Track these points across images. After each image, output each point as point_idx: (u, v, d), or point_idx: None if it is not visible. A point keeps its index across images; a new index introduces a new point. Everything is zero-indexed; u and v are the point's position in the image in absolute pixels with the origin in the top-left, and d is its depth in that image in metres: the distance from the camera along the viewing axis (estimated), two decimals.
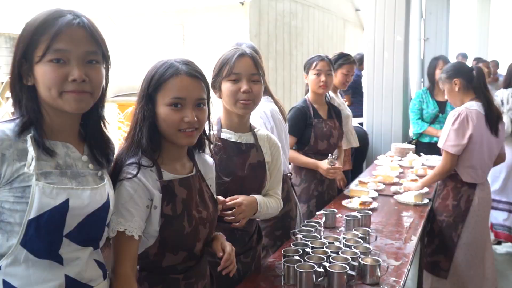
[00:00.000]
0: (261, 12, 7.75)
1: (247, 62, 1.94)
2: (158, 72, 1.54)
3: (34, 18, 1.25)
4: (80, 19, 1.26)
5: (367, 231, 2.44)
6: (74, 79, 1.22)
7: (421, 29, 8.64)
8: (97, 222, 1.36)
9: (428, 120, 4.81)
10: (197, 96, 1.56)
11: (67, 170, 1.29)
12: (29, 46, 1.22)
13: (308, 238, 2.30)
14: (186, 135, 1.55)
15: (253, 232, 2.17)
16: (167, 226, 1.55)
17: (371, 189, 3.49)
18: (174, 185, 1.58)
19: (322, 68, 3.22)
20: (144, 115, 1.54)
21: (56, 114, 1.28)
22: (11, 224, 1.23)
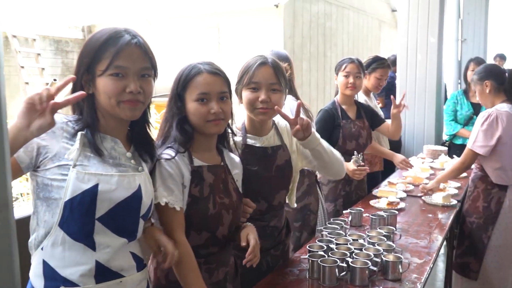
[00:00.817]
0: (295, 14, 7.83)
1: (267, 71, 1.99)
2: (184, 74, 1.76)
3: (97, 37, 1.44)
4: (136, 39, 1.45)
5: (391, 229, 2.50)
6: (131, 91, 1.42)
7: (459, 30, 8.54)
8: (130, 212, 1.48)
9: (462, 122, 4.79)
10: (219, 90, 1.75)
11: (110, 159, 1.46)
12: (93, 61, 1.41)
13: (333, 235, 2.38)
14: (214, 124, 1.74)
15: (282, 227, 2.26)
16: (193, 205, 1.73)
17: (400, 189, 3.53)
18: (203, 171, 1.77)
19: (351, 70, 3.29)
20: (175, 112, 1.75)
21: (111, 118, 1.48)
22: (56, 201, 1.39)
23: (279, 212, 2.21)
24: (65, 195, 1.37)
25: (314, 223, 2.97)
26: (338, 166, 2.21)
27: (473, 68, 4.84)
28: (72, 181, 1.37)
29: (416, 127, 5.37)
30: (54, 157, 1.38)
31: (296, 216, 2.85)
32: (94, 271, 1.42)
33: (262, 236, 2.05)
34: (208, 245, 1.81)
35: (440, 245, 2.54)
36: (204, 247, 1.81)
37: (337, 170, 2.22)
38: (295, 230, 2.82)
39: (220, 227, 1.81)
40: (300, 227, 2.83)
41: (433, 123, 5.26)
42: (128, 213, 1.47)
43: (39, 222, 1.43)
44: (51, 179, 1.38)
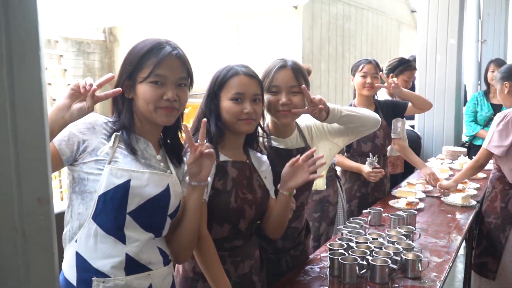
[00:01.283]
0: (314, 15, 7.87)
1: (286, 74, 2.03)
2: (221, 74, 1.85)
3: (140, 46, 1.54)
4: (177, 51, 1.55)
5: (411, 229, 2.54)
6: (168, 98, 1.51)
7: (479, 31, 8.48)
8: (159, 209, 1.56)
9: (482, 123, 4.80)
10: (254, 92, 1.84)
11: (141, 159, 1.56)
12: (135, 68, 1.51)
13: (353, 234, 2.43)
14: (246, 123, 1.83)
15: (302, 228, 2.31)
16: (216, 197, 1.81)
17: (419, 190, 3.56)
18: (227, 165, 1.85)
19: (368, 70, 3.31)
20: (210, 109, 1.84)
21: (146, 123, 1.58)
22: (91, 195, 1.47)
23: (301, 214, 2.27)
24: (99, 189, 1.46)
25: (333, 214, 3.03)
26: (372, 117, 2.24)
27: (493, 69, 4.84)
28: (106, 176, 1.46)
29: (435, 129, 5.37)
30: (92, 151, 1.48)
31: (315, 207, 2.94)
32: (124, 263, 1.50)
33: (282, 237, 2.12)
34: (232, 238, 1.88)
35: (459, 245, 2.57)
36: (228, 240, 1.88)
37: (373, 121, 2.25)
38: (314, 220, 2.90)
39: (241, 220, 1.87)
40: (319, 218, 2.91)
41: (452, 124, 5.27)
42: (156, 210, 1.55)
43: (73, 215, 1.52)
44: (88, 173, 1.48)
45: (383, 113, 3.43)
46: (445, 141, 5.26)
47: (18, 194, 0.87)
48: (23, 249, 0.89)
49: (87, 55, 9.80)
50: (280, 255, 2.19)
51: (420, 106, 3.45)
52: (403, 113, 3.51)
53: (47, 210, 0.93)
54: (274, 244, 2.17)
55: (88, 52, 9.80)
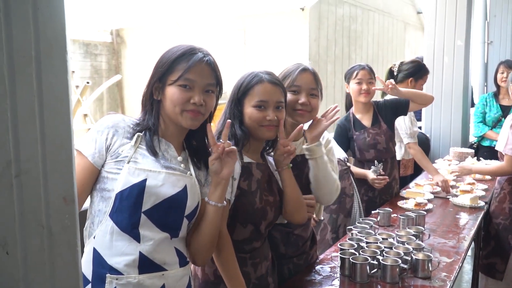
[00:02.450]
0: (320, 17, 7.89)
1: (308, 77, 2.09)
2: (246, 81, 1.89)
3: (173, 50, 1.58)
4: (208, 57, 1.58)
5: (420, 229, 2.55)
6: (194, 102, 1.54)
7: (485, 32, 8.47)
8: (175, 209, 1.57)
9: (490, 124, 4.81)
10: (277, 99, 1.88)
11: (161, 160, 1.59)
12: (167, 71, 1.56)
13: (363, 234, 2.45)
14: (268, 129, 1.87)
15: (307, 238, 2.31)
16: (242, 197, 1.84)
17: (427, 191, 3.57)
18: (252, 167, 1.90)
19: (363, 76, 3.26)
20: (235, 114, 1.88)
21: (171, 125, 1.62)
22: (109, 193, 1.51)
23: (306, 223, 2.25)
24: (117, 187, 1.50)
25: (350, 205, 3.04)
26: (329, 188, 2.16)
27: (503, 71, 4.84)
28: (124, 175, 1.50)
29: (443, 130, 5.37)
30: (114, 152, 1.53)
31: (343, 210, 2.96)
32: (138, 261, 1.52)
33: (285, 243, 2.17)
34: (252, 239, 1.91)
35: (468, 246, 2.59)
36: (248, 242, 1.91)
37: (327, 192, 2.18)
38: (332, 212, 2.92)
39: (263, 221, 1.91)
40: (337, 210, 2.92)
41: (459, 126, 5.27)
42: (172, 210, 1.57)
43: (94, 211, 1.56)
44: (108, 172, 1.52)
45: (383, 116, 3.41)
46: (452, 142, 5.26)
47: (45, 193, 0.90)
48: (50, 246, 0.92)
49: (94, 56, 9.86)
50: (282, 261, 2.20)
51: (422, 101, 3.42)
52: (406, 111, 3.47)
53: (72, 209, 0.96)
54: (277, 250, 2.18)
55: (95, 54, 9.86)
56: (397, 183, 3.57)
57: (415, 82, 4.04)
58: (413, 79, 4.05)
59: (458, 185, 3.75)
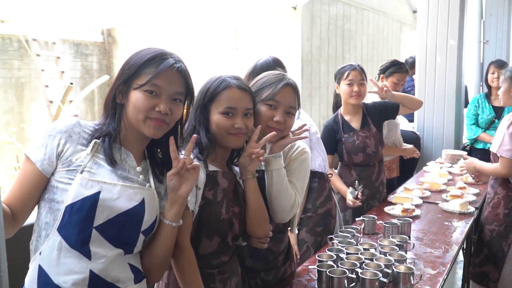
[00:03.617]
0: (313, 16, 7.77)
1: (289, 94, 1.94)
2: (212, 86, 1.78)
3: (143, 53, 1.49)
4: (179, 64, 1.49)
5: (404, 238, 2.43)
6: (159, 110, 1.44)
7: (481, 32, 8.36)
8: (130, 224, 1.45)
9: (483, 126, 4.68)
10: (246, 106, 1.78)
11: (118, 170, 1.47)
12: (134, 74, 1.46)
13: (344, 244, 2.33)
14: (236, 137, 1.76)
15: (280, 253, 2.16)
16: (207, 208, 1.73)
17: (416, 196, 3.45)
18: (217, 175, 1.78)
19: (354, 77, 3.14)
20: (201, 121, 1.77)
21: (132, 132, 1.51)
22: (58, 204, 1.39)
23: (277, 236, 2.12)
24: (67, 199, 1.38)
25: (333, 227, 2.92)
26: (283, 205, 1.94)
27: (493, 71, 4.71)
28: (75, 186, 1.38)
29: (435, 131, 5.26)
30: (66, 160, 1.41)
31: (319, 221, 2.80)
32: (88, 280, 1.40)
33: (253, 256, 2.04)
34: (219, 253, 1.80)
35: (455, 255, 2.46)
36: (216, 255, 1.79)
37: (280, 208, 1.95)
38: (317, 235, 2.77)
39: (229, 233, 1.80)
40: (322, 232, 2.78)
41: (452, 127, 5.15)
42: (127, 225, 1.45)
43: (40, 224, 1.43)
44: (58, 181, 1.40)
45: (372, 118, 3.31)
46: (445, 144, 5.15)
47: None
48: None
49: (85, 56, 9.72)
50: (248, 275, 2.07)
51: (412, 106, 3.35)
52: (395, 115, 3.38)
53: None
54: (242, 263, 2.04)
55: (86, 54, 9.72)
56: (384, 187, 3.45)
57: (386, 78, 3.97)
58: (383, 76, 3.99)
59: (449, 189, 3.63)
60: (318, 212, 2.78)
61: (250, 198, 1.84)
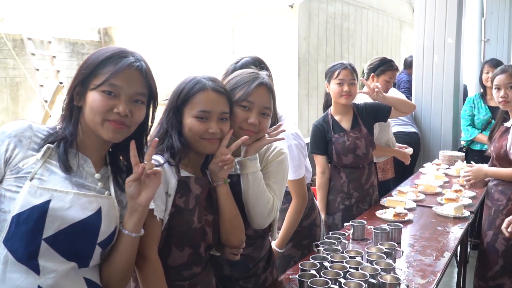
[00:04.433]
0: (310, 14, 7.66)
1: (264, 94, 1.83)
2: (186, 87, 1.68)
3: (102, 52, 1.40)
4: (139, 63, 1.40)
5: (393, 245, 2.32)
6: (118, 112, 1.35)
7: (482, 30, 8.25)
8: (84, 236, 1.34)
9: (480, 127, 4.55)
10: (221, 110, 1.67)
11: (74, 177, 1.36)
12: (90, 74, 1.36)
13: (329, 251, 2.22)
14: (210, 142, 1.67)
15: (260, 259, 2.06)
16: (177, 216, 1.62)
17: (410, 199, 3.33)
18: (190, 181, 1.67)
19: (345, 77, 3.03)
20: (173, 124, 1.66)
21: (90, 136, 1.41)
22: (5, 214, 1.28)
23: (256, 241, 2.02)
24: (14, 209, 1.27)
25: (319, 236, 2.81)
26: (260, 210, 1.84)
27: (487, 71, 4.57)
28: (23, 194, 1.27)
29: (433, 132, 5.15)
30: (15, 166, 1.31)
31: (304, 234, 2.68)
32: None
33: (232, 263, 1.93)
34: (191, 264, 1.69)
35: (447, 263, 2.35)
36: (187, 267, 1.68)
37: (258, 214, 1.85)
38: (304, 248, 2.64)
39: (202, 243, 1.70)
40: (308, 244, 2.66)
41: (450, 127, 5.05)
42: (81, 236, 1.33)
43: None
44: (6, 189, 1.30)
45: (363, 119, 3.20)
46: (443, 145, 5.03)
47: None
48: None
49: (81, 56, 9.64)
50: (226, 284, 1.96)
51: (405, 109, 3.22)
52: (386, 117, 3.27)
53: None
54: (221, 271, 1.95)
55: (82, 53, 9.64)
56: (376, 189, 3.34)
57: (377, 77, 3.87)
58: (374, 75, 3.87)
59: (444, 192, 3.52)
60: (303, 225, 2.66)
61: (222, 205, 1.74)
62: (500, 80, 3.01)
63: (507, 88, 2.97)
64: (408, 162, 3.90)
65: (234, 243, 1.79)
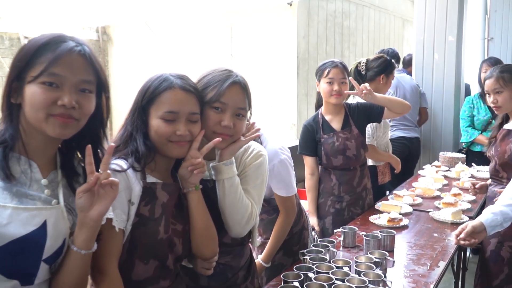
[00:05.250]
0: (310, 12, 7.51)
1: (238, 93, 1.70)
2: (152, 85, 1.55)
3: (36, 39, 1.25)
4: (81, 47, 1.26)
5: (384, 254, 2.18)
6: (63, 104, 1.21)
7: (485, 28, 8.10)
8: (26, 253, 1.21)
9: (480, 128, 4.40)
10: (190, 110, 1.55)
11: (14, 186, 1.20)
12: (26, 65, 1.21)
13: (316, 260, 2.09)
14: (178, 145, 1.54)
15: (239, 268, 1.94)
16: (141, 226, 1.48)
17: (406, 203, 3.20)
18: (156, 188, 1.52)
19: (335, 76, 2.89)
20: (138, 126, 1.53)
21: (34, 136, 1.25)
22: None
23: (235, 249, 1.91)
24: None
25: (307, 238, 2.68)
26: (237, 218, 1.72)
27: (485, 69, 4.42)
28: None
29: (433, 133, 5.01)
30: None
31: (294, 240, 2.55)
32: None
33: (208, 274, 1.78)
34: (157, 278, 1.55)
35: (441, 273, 2.21)
36: (153, 281, 1.54)
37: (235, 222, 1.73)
38: (295, 255, 2.49)
39: (169, 255, 1.56)
40: (298, 250, 2.52)
41: (451, 128, 4.91)
42: (23, 254, 1.20)
43: None
44: None
45: (354, 119, 3.06)
46: (443, 146, 4.89)
47: None
48: None
49: None
50: None
51: (398, 110, 3.05)
52: (379, 118, 3.12)
53: None
54: (197, 281, 1.82)
55: None
56: (370, 193, 3.19)
57: (387, 78, 3.69)
58: (384, 76, 3.68)
59: (442, 196, 3.38)
60: (293, 231, 2.53)
61: (193, 214, 1.60)
62: (488, 86, 2.87)
63: (495, 94, 2.83)
64: (399, 171, 3.74)
65: (206, 255, 1.66)
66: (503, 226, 2.29)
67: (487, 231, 2.24)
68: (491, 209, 2.32)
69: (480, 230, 2.23)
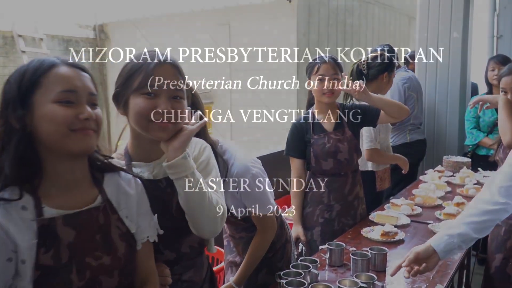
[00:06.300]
0: (311, 9, 7.26)
1: (168, 72, 1.43)
2: (30, 68, 1.20)
3: None
4: None
5: (371, 278, 1.91)
6: None
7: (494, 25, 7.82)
8: None
9: (485, 130, 4.11)
10: (89, 90, 1.24)
11: None
12: None
13: (292, 285, 1.82)
14: (83, 134, 1.20)
15: (203, 282, 1.70)
16: (46, 281, 1.15)
17: (403, 213, 2.92)
18: (56, 225, 1.18)
19: (326, 72, 2.64)
20: (11, 129, 1.18)
21: None
22: None
23: (196, 261, 1.66)
24: None
25: (290, 251, 2.41)
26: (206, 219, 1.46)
27: (493, 68, 4.15)
28: None
29: (437, 136, 4.73)
30: None
31: (278, 257, 2.28)
32: None
33: None
34: None
35: None
36: None
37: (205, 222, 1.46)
38: (277, 270, 2.22)
39: None
40: (282, 265, 2.27)
41: (456, 130, 4.63)
42: None
43: None
44: None
45: (348, 121, 2.78)
46: (448, 150, 4.60)
47: None
48: None
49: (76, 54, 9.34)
50: None
51: (396, 114, 2.74)
52: (375, 122, 2.82)
53: None
54: None
55: (77, 51, 9.33)
56: (362, 202, 2.91)
57: (389, 76, 3.43)
58: (387, 74, 3.41)
59: (444, 205, 3.09)
60: (276, 247, 2.26)
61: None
62: (506, 82, 2.60)
63: None
64: (407, 171, 3.48)
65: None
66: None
67: (439, 256, 1.94)
68: (446, 230, 1.99)
69: (427, 255, 1.90)
